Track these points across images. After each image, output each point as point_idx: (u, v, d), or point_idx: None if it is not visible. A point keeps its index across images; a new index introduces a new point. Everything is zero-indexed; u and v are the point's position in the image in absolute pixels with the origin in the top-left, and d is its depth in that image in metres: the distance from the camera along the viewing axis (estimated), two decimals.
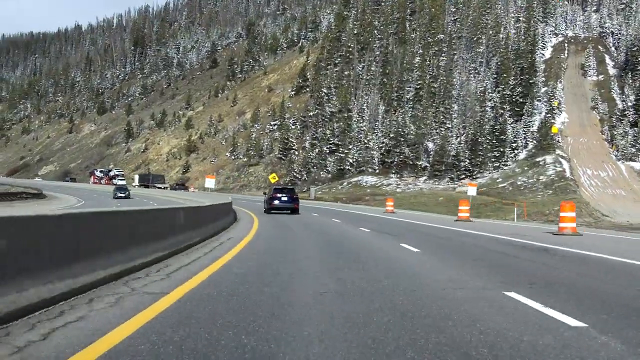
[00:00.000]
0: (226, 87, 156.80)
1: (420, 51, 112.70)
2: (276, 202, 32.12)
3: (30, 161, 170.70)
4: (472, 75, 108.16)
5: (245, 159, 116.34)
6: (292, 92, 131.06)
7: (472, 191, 52.01)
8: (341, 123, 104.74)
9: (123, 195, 60.31)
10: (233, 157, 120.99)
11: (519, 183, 78.97)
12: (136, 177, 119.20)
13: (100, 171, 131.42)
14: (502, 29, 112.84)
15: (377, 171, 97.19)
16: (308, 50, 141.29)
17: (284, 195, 32.62)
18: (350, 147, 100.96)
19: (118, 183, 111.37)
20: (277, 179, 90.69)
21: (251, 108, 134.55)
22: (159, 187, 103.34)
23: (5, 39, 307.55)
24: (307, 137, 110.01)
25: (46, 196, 67.54)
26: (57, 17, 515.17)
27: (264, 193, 41.54)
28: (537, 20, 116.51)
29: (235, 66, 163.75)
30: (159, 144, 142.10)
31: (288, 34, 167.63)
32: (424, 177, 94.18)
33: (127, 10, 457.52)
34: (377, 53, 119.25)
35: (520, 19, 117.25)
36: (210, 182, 48.24)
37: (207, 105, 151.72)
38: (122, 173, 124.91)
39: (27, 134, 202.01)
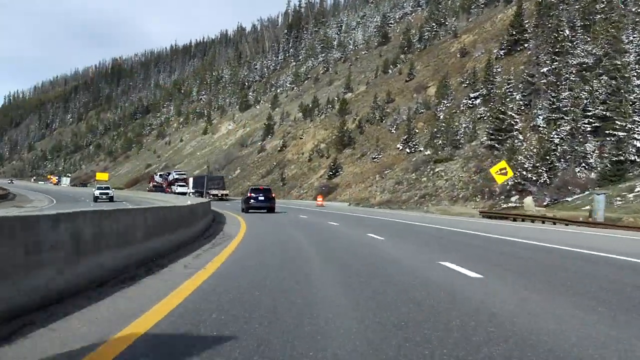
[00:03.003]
0: (399, 61, 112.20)
1: None
2: (253, 201, 32.73)
3: (155, 169, 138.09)
4: None
5: (428, 152, 70.41)
6: (501, 52, 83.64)
7: None
8: (608, 79, 55.62)
9: None
10: (408, 151, 75.84)
11: None
12: (190, 180, 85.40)
13: (160, 175, 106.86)
14: None
15: None
16: None
17: (260, 195, 33.15)
18: (635, 119, 51.45)
19: (178, 190, 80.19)
20: (510, 174, 43.89)
21: (435, 80, 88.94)
22: (215, 195, 70.90)
23: (173, 48, 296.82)
24: (540, 110, 61.87)
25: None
26: (224, 23, 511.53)
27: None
28: None
29: (412, 37, 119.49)
30: (301, 138, 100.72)
31: None
32: None
33: (291, 7, 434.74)
34: None
35: None
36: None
37: (372, 85, 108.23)
38: (184, 177, 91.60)
39: (162, 138, 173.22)
